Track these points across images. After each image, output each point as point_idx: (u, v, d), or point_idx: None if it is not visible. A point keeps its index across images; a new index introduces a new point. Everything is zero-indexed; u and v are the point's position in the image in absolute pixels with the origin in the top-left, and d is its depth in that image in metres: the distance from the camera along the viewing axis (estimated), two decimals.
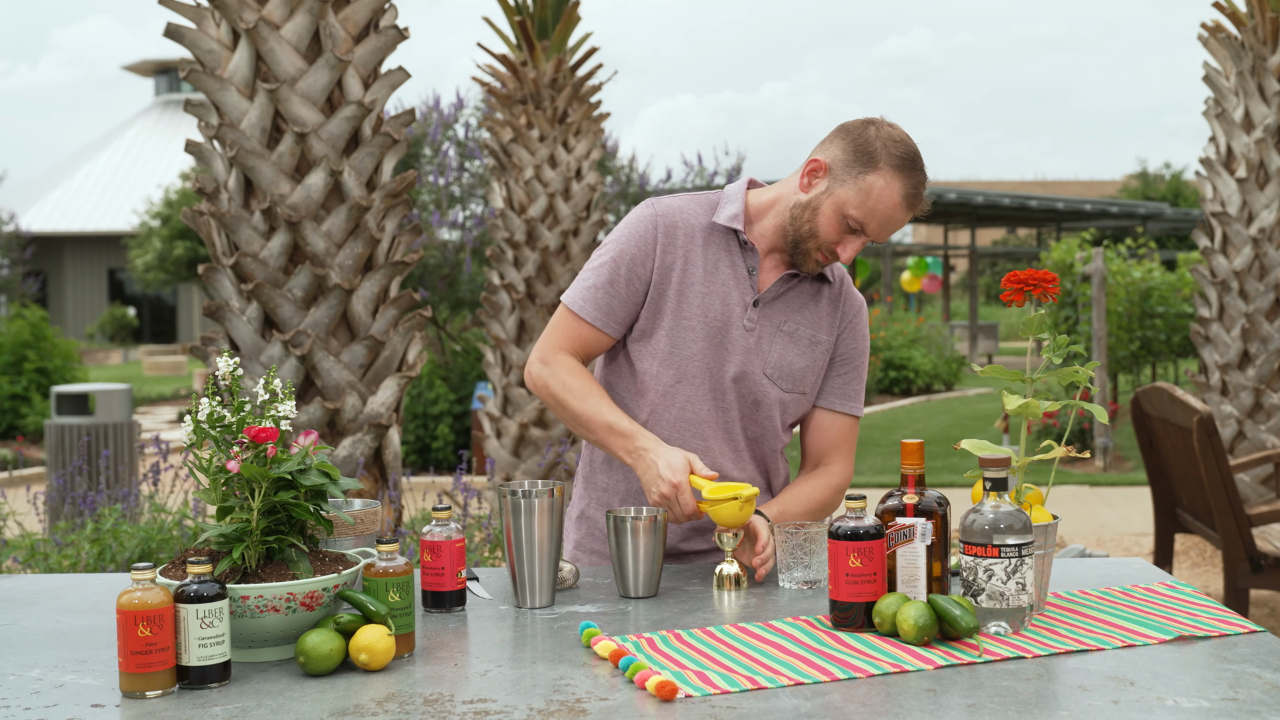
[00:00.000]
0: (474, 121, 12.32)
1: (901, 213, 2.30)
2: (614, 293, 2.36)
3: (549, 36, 7.77)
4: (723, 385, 2.39)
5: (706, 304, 2.37)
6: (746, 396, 2.41)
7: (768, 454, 2.48)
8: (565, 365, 2.36)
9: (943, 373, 19.03)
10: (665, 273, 2.36)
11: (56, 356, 14.11)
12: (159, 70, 42.67)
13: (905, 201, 2.28)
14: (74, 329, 35.54)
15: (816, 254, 2.34)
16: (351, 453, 4.45)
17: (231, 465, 1.80)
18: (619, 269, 2.36)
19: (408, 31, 4.65)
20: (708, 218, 2.40)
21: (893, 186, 2.26)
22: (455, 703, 1.63)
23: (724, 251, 2.40)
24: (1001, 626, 1.87)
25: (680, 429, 2.40)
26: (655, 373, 2.38)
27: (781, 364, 2.40)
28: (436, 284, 11.65)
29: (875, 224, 2.29)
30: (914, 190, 2.29)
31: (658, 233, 2.37)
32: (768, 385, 2.40)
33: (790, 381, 2.41)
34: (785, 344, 2.41)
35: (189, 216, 4.57)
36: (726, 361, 2.38)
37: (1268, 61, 7.37)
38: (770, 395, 2.41)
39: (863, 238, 2.31)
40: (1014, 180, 52.87)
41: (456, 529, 2.14)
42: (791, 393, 2.43)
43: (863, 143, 2.29)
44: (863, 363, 2.51)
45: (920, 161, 2.30)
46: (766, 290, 2.40)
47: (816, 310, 2.45)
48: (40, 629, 2.03)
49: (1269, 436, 7.36)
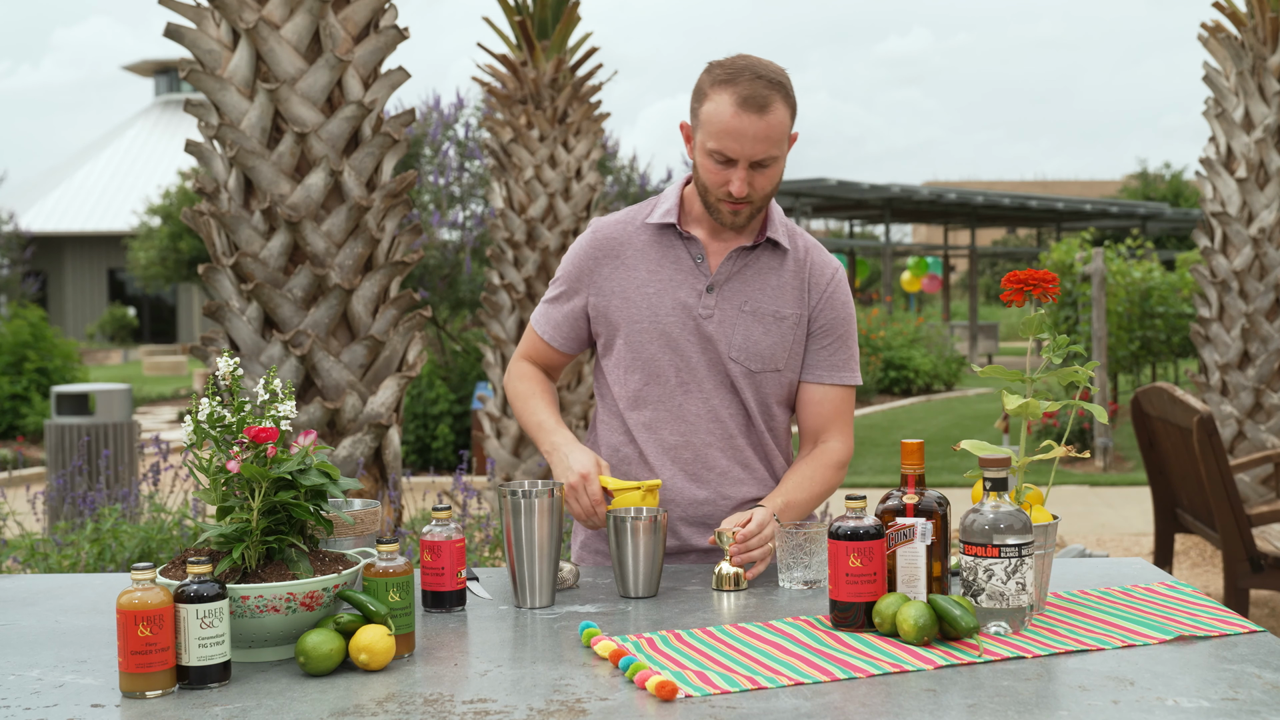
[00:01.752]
0: (474, 121, 12.32)
1: (744, 118, 2.26)
2: (560, 312, 2.50)
3: (549, 36, 7.77)
4: (693, 378, 2.41)
5: (656, 303, 2.41)
6: (719, 384, 2.41)
7: (762, 439, 2.47)
8: (519, 371, 2.56)
9: (943, 373, 19.03)
10: (607, 288, 2.44)
11: (57, 356, 14.11)
12: (159, 70, 42.66)
13: (739, 105, 2.26)
14: (74, 329, 35.53)
15: (718, 204, 2.36)
16: (351, 453, 4.45)
17: (231, 465, 1.80)
18: (562, 291, 2.50)
19: (408, 31, 4.65)
20: (646, 219, 2.46)
21: (722, 101, 2.27)
22: (455, 703, 1.63)
23: (667, 249, 2.44)
24: (1001, 626, 1.87)
25: (669, 429, 2.42)
26: (623, 380, 2.44)
27: (746, 344, 2.40)
28: (436, 284, 11.65)
29: (729, 143, 2.28)
30: (745, 92, 2.26)
31: (595, 252, 2.46)
32: (736, 368, 2.40)
33: (759, 360, 2.41)
34: (748, 323, 2.40)
35: (189, 216, 4.57)
36: (690, 353, 2.40)
37: (1268, 61, 7.37)
38: (742, 378, 2.41)
39: (736, 165, 2.29)
40: (1014, 180, 52.87)
41: (456, 529, 2.14)
42: (763, 371, 2.42)
43: (696, 87, 2.35)
44: (847, 331, 2.47)
45: (747, 67, 2.29)
46: (718, 273, 2.41)
47: (779, 284, 2.43)
48: (40, 629, 2.03)
49: (1269, 436, 7.36)
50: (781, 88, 2.29)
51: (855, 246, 28.38)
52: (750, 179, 2.31)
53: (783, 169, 2.37)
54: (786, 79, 2.33)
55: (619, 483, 2.27)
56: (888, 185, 21.86)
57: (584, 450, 2.34)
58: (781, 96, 2.29)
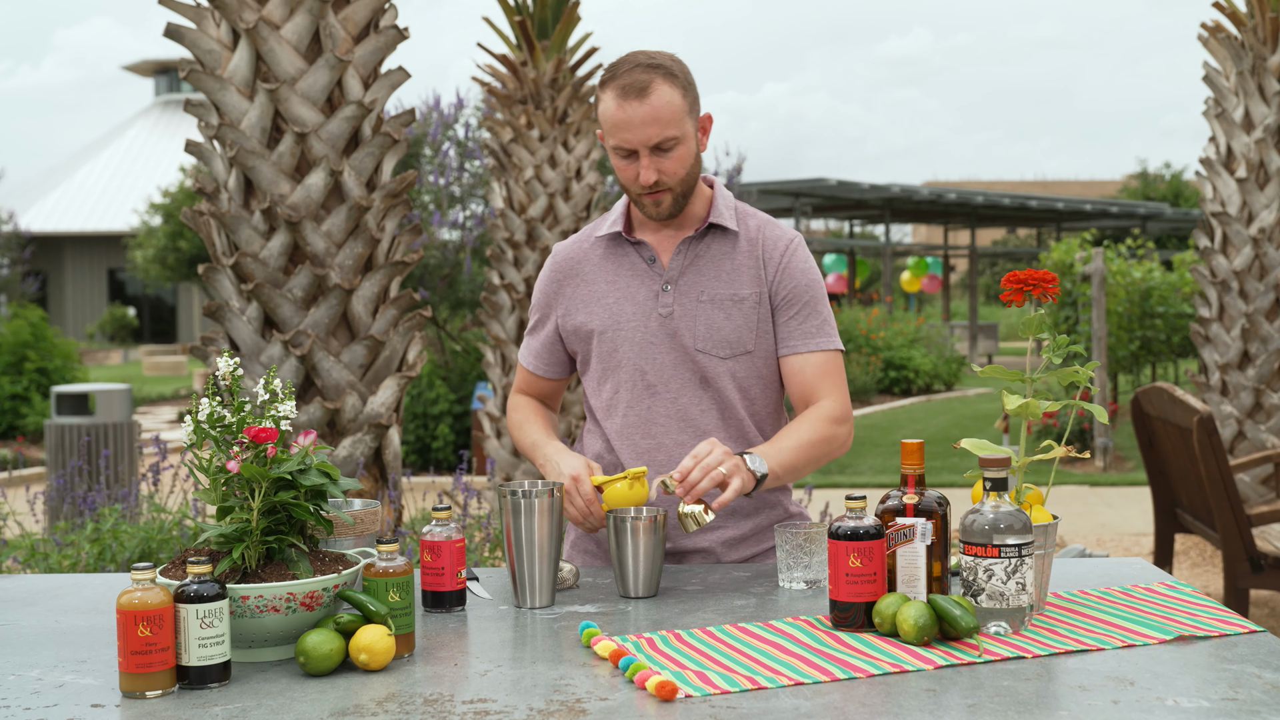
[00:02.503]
0: (474, 121, 12.32)
1: (627, 107, 2.29)
2: (537, 341, 2.58)
3: (549, 36, 7.77)
4: (660, 380, 2.41)
5: (617, 311, 2.44)
6: (690, 380, 2.41)
7: (744, 428, 2.45)
8: (513, 405, 2.63)
9: (943, 373, 19.03)
10: (572, 306, 2.50)
11: (57, 356, 14.11)
12: (159, 70, 42.65)
13: (620, 96, 2.30)
14: (74, 329, 35.53)
15: (639, 199, 2.39)
16: (351, 453, 4.45)
17: (231, 465, 1.80)
18: (536, 320, 2.58)
19: (408, 31, 4.65)
20: (595, 234, 2.51)
21: (607, 98, 2.32)
22: (455, 703, 1.63)
23: (620, 258, 2.48)
24: (1001, 626, 1.87)
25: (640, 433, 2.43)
26: (597, 391, 2.50)
27: (710, 333, 2.40)
28: (436, 284, 11.65)
29: (621, 134, 2.31)
30: (624, 82, 2.30)
31: (556, 275, 2.53)
32: (705, 359, 2.41)
33: (727, 346, 2.41)
34: (709, 311, 2.41)
35: (189, 216, 4.57)
36: (657, 353, 2.42)
37: (1268, 61, 7.37)
38: (712, 367, 2.41)
39: (636, 156, 2.33)
40: (1014, 180, 52.87)
41: (456, 529, 2.14)
42: (733, 357, 2.41)
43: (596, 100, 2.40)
44: (813, 296, 2.43)
45: (625, 60, 2.33)
46: (670, 268, 2.43)
47: (733, 266, 2.43)
48: (40, 629, 2.03)
49: (1269, 436, 7.36)
50: (661, 69, 2.32)
51: (855, 246, 28.38)
52: (655, 164, 2.33)
53: (692, 150, 2.37)
54: (670, 61, 2.35)
55: (605, 478, 2.28)
56: (888, 185, 21.86)
57: (573, 455, 2.36)
58: (662, 76, 2.31)
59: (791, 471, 2.34)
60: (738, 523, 2.47)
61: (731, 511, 2.46)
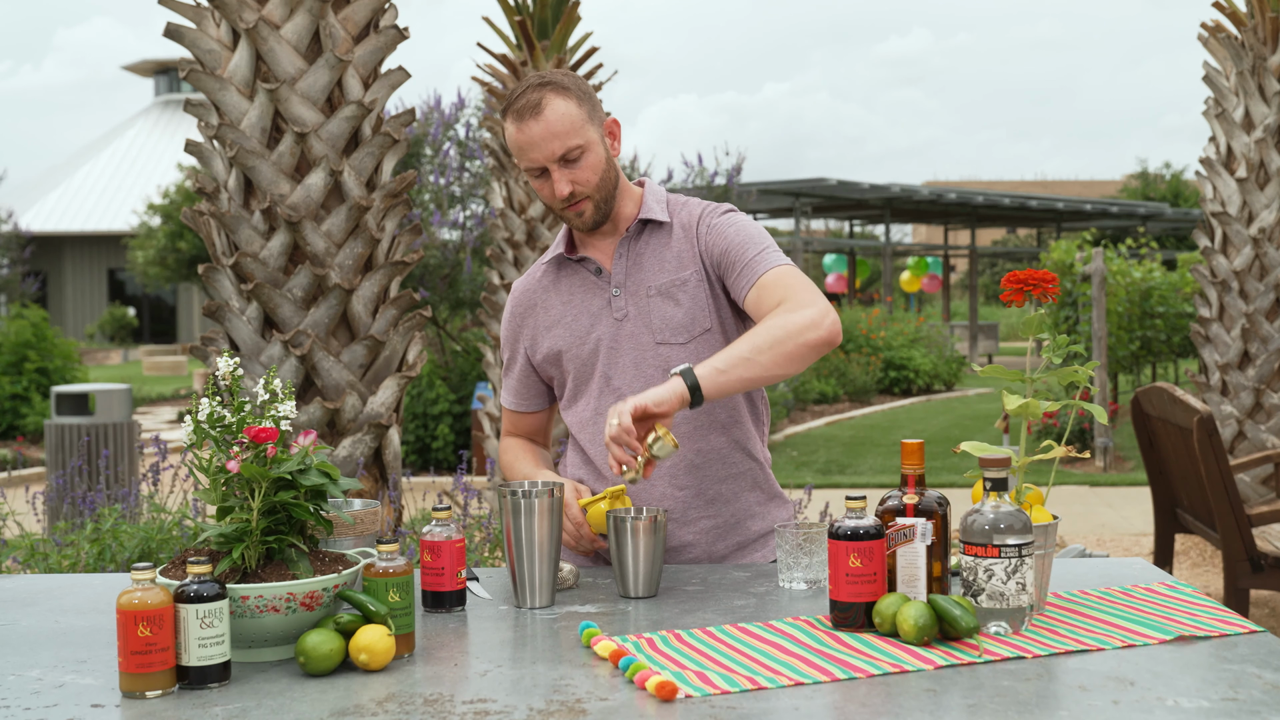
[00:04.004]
0: (475, 121, 12.31)
1: (524, 128, 2.33)
2: (513, 379, 2.62)
3: (549, 36, 7.77)
4: (624, 380, 2.43)
5: (575, 328, 2.48)
6: (653, 373, 2.42)
7: (724, 420, 2.45)
8: (502, 448, 2.67)
9: (943, 373, 19.03)
10: (537, 337, 2.54)
11: (57, 356, 14.11)
12: (159, 70, 42.65)
13: (516, 120, 2.35)
14: (74, 329, 35.53)
15: (564, 214, 2.43)
16: (351, 453, 4.45)
17: (231, 465, 1.80)
18: (508, 358, 2.62)
19: (408, 31, 4.65)
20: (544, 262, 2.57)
21: (508, 125, 2.38)
22: (455, 703, 1.63)
23: (570, 277, 2.52)
24: (1001, 626, 1.87)
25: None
26: (571, 410, 2.53)
27: (664, 323, 2.43)
28: (436, 284, 11.64)
29: (528, 155, 2.35)
30: (517, 106, 2.35)
31: (516, 311, 2.58)
32: (667, 349, 2.43)
33: (683, 331, 2.42)
34: (659, 303, 2.43)
35: (189, 216, 4.57)
36: (619, 355, 2.44)
37: (1268, 61, 7.36)
38: (674, 357, 2.42)
39: (548, 174, 2.37)
40: (1014, 180, 52.88)
41: (456, 529, 2.14)
42: (693, 339, 2.42)
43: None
44: (745, 237, 2.37)
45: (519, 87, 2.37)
46: (615, 273, 2.46)
47: (673, 254, 2.45)
48: (40, 629, 2.03)
49: (1269, 436, 7.36)
50: (551, 84, 2.35)
51: (855, 246, 28.38)
52: (567, 176, 2.36)
53: (601, 156, 2.37)
54: (561, 76, 2.38)
55: (586, 499, 2.33)
56: (888, 185, 21.86)
57: (558, 478, 2.39)
58: (552, 91, 2.34)
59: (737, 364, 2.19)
60: (716, 510, 2.47)
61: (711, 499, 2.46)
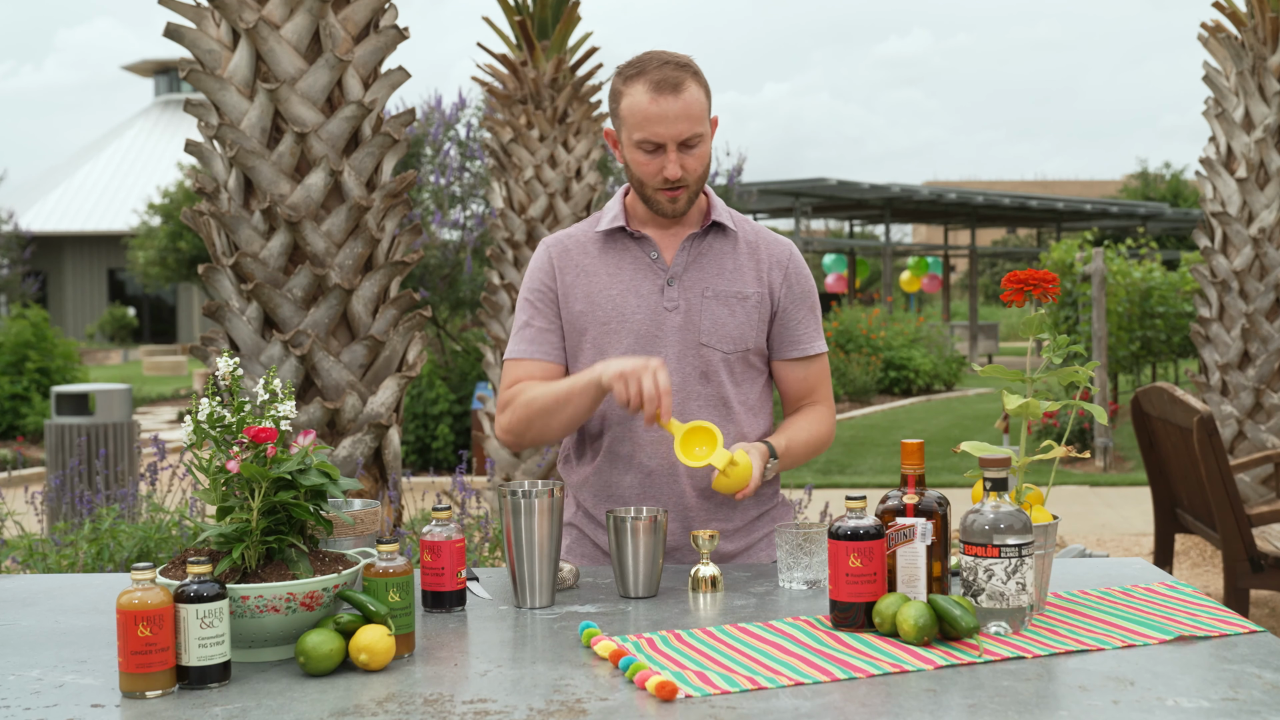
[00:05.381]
0: (475, 121, 12.32)
1: (661, 100, 2.33)
2: (537, 325, 2.49)
3: (549, 36, 7.77)
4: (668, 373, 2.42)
5: (620, 302, 2.45)
6: (691, 373, 2.43)
7: (739, 422, 2.47)
8: (514, 392, 2.47)
9: (943, 373, 19.02)
10: (570, 291, 2.47)
11: (57, 356, 14.11)
12: (159, 70, 42.65)
13: (654, 89, 2.34)
14: (74, 329, 35.52)
15: (655, 195, 2.41)
16: (351, 453, 4.45)
17: (231, 465, 1.79)
18: (532, 305, 2.50)
19: (408, 31, 4.65)
20: (595, 229, 2.51)
21: (637, 91, 2.35)
22: (455, 703, 1.63)
23: (622, 252, 2.48)
24: (1001, 626, 1.87)
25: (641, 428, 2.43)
26: None
27: (715, 328, 2.44)
28: (436, 284, 11.64)
29: (653, 128, 2.34)
30: (656, 77, 2.34)
31: (552, 260, 2.50)
32: (709, 353, 2.44)
33: (731, 342, 2.45)
34: (714, 308, 2.45)
35: (189, 216, 4.57)
36: (661, 346, 2.43)
37: (1268, 61, 7.36)
38: (714, 361, 2.44)
39: (665, 150, 2.36)
40: (1014, 180, 52.88)
41: (456, 529, 2.14)
42: (734, 352, 2.45)
43: (610, 91, 2.44)
44: (814, 302, 2.54)
45: (652, 58, 2.37)
46: (675, 264, 2.46)
47: (735, 266, 2.48)
48: (40, 629, 2.03)
49: (1269, 436, 7.36)
50: (690, 69, 2.38)
51: (855, 246, 28.38)
52: (681, 161, 2.37)
53: (709, 151, 2.42)
54: (694, 63, 2.41)
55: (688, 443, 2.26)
56: (888, 185, 21.85)
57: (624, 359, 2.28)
58: (691, 76, 2.37)
59: (793, 460, 2.46)
60: (726, 514, 2.48)
61: (722, 501, 2.47)
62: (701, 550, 2.22)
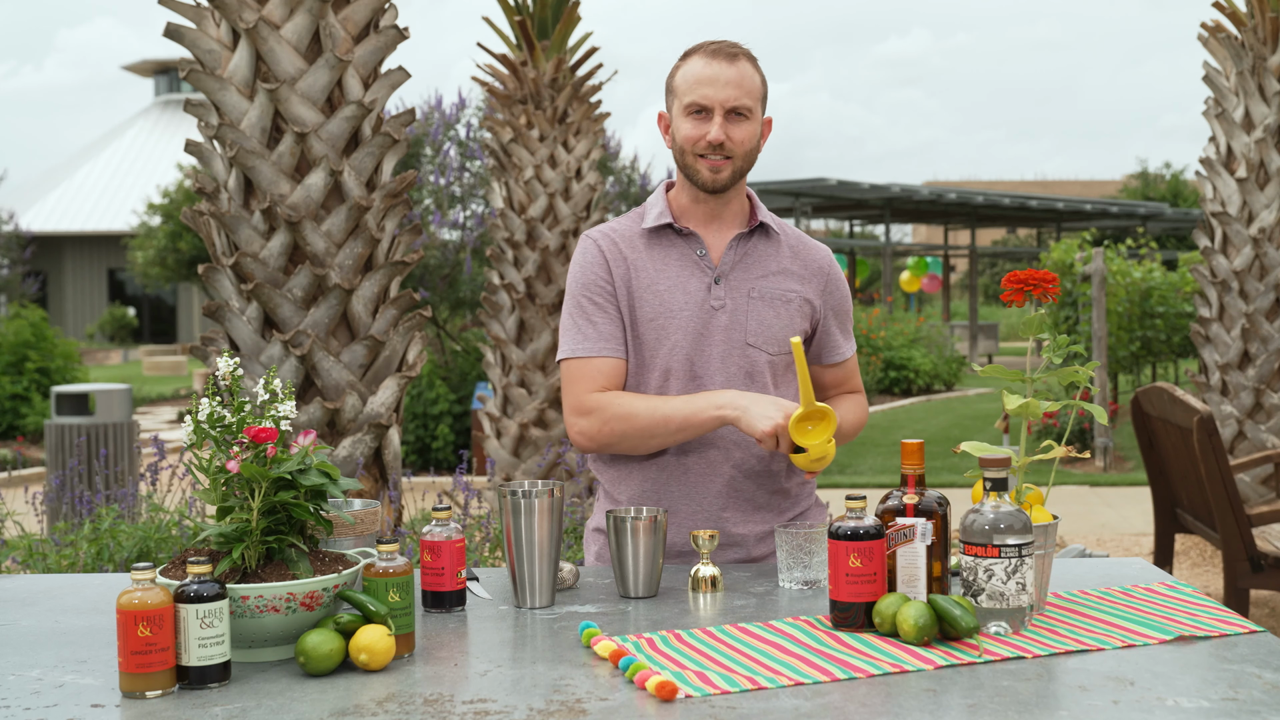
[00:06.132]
0: (475, 121, 12.32)
1: (714, 64, 2.37)
2: (595, 318, 2.43)
3: (549, 36, 7.77)
4: (708, 370, 2.42)
5: (667, 299, 2.43)
6: (736, 373, 2.43)
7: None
8: (603, 400, 2.40)
9: (943, 373, 19.02)
10: (623, 284, 2.45)
11: (57, 356, 14.11)
12: (159, 70, 42.64)
13: (709, 56, 2.38)
14: (74, 329, 35.52)
15: (697, 163, 2.41)
16: (351, 453, 4.45)
17: (231, 465, 1.79)
18: (590, 299, 2.44)
19: (408, 31, 4.65)
20: (640, 226, 2.50)
21: (693, 60, 2.41)
22: (455, 703, 1.63)
23: (668, 248, 2.47)
24: (1001, 626, 1.87)
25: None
26: (641, 376, 2.45)
27: (761, 329, 2.45)
28: (436, 284, 11.65)
29: (702, 90, 2.37)
30: (713, 46, 2.40)
31: (602, 251, 2.47)
32: (755, 353, 2.44)
33: (775, 344, 2.46)
34: (760, 308, 2.45)
35: (189, 216, 4.57)
36: (707, 344, 2.43)
37: (1268, 61, 7.36)
38: (760, 362, 2.44)
39: (712, 113, 2.37)
40: (1014, 180, 52.87)
41: (456, 529, 2.14)
42: (778, 354, 2.46)
43: (669, 77, 2.46)
44: (847, 309, 2.61)
45: (712, 39, 2.43)
46: (722, 262, 2.46)
47: (780, 268, 2.49)
48: (40, 629, 2.03)
49: (1269, 436, 7.36)
50: (748, 52, 2.42)
51: (855, 246, 28.38)
52: (726, 129, 2.37)
53: (757, 134, 2.42)
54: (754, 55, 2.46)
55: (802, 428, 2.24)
56: (888, 185, 21.85)
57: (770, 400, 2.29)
58: (748, 56, 2.41)
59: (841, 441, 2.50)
60: (762, 516, 2.48)
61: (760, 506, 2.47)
62: (701, 550, 2.22)
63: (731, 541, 2.46)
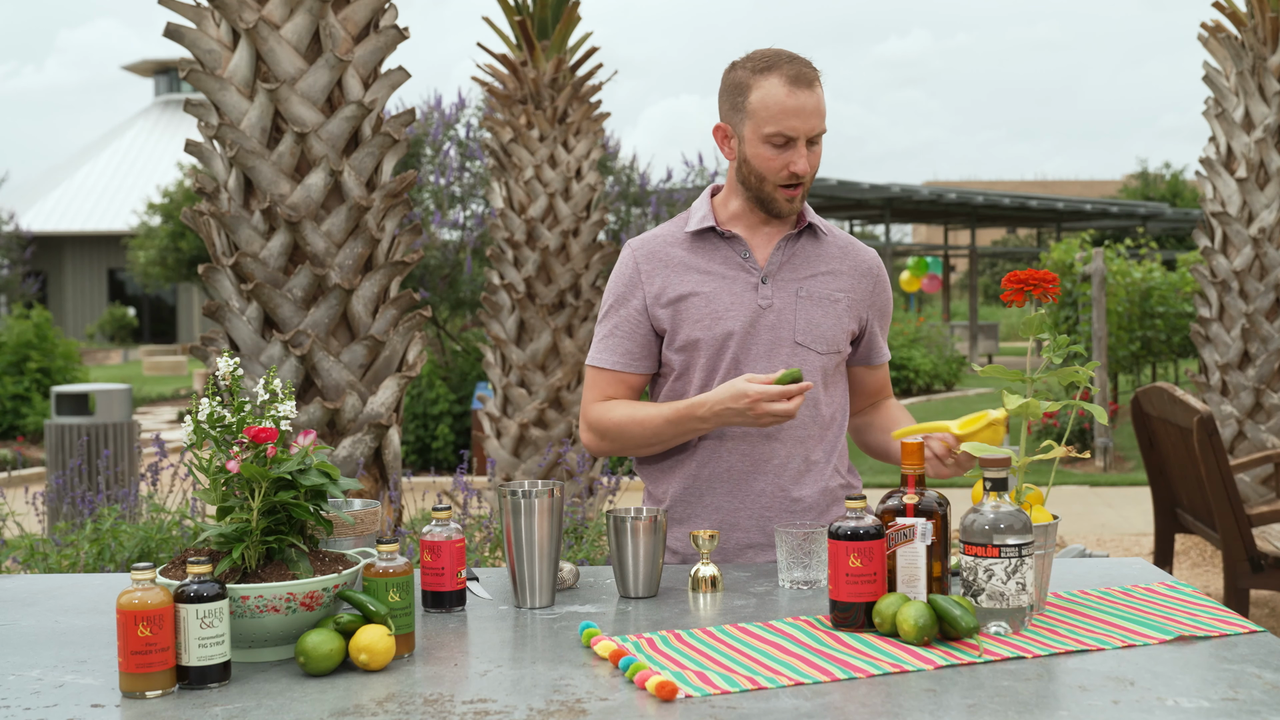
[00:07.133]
0: (475, 121, 12.32)
1: (798, 93, 2.35)
2: (623, 334, 2.47)
3: (549, 36, 7.77)
4: (755, 369, 2.42)
5: (714, 302, 2.43)
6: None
7: (825, 424, 2.48)
8: (605, 409, 2.48)
9: (943, 373, 19.02)
10: (660, 295, 2.45)
11: (58, 357, 14.12)
12: (159, 70, 42.64)
13: (791, 83, 2.35)
14: (74, 329, 35.52)
15: (775, 192, 2.41)
16: (351, 453, 4.45)
17: (231, 465, 1.79)
18: (619, 311, 2.48)
19: (408, 31, 4.65)
20: (683, 230, 2.50)
21: (771, 84, 2.35)
22: (455, 703, 1.63)
23: (713, 251, 2.47)
24: (1001, 626, 1.87)
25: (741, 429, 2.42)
26: (682, 385, 2.45)
27: (809, 328, 2.45)
28: (436, 284, 11.64)
29: (789, 121, 2.35)
30: (792, 71, 2.36)
31: (637, 264, 2.48)
32: (805, 352, 2.44)
33: (824, 343, 2.46)
34: (808, 307, 2.45)
35: (189, 216, 4.57)
36: (754, 343, 2.43)
37: (1268, 61, 7.36)
38: (810, 361, 2.44)
39: (795, 144, 2.37)
40: (1014, 180, 52.88)
41: (456, 529, 2.14)
42: (827, 354, 2.46)
43: (729, 84, 2.42)
44: (889, 311, 2.62)
45: (780, 53, 2.40)
46: (769, 263, 2.46)
47: (828, 269, 2.49)
48: (40, 629, 2.03)
49: (1269, 436, 7.36)
50: (818, 73, 2.42)
51: None
52: (808, 157, 2.39)
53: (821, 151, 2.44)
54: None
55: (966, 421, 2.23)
56: (888, 185, 21.85)
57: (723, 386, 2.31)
58: (819, 78, 2.41)
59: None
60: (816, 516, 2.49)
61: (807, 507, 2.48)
62: (701, 550, 2.22)
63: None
